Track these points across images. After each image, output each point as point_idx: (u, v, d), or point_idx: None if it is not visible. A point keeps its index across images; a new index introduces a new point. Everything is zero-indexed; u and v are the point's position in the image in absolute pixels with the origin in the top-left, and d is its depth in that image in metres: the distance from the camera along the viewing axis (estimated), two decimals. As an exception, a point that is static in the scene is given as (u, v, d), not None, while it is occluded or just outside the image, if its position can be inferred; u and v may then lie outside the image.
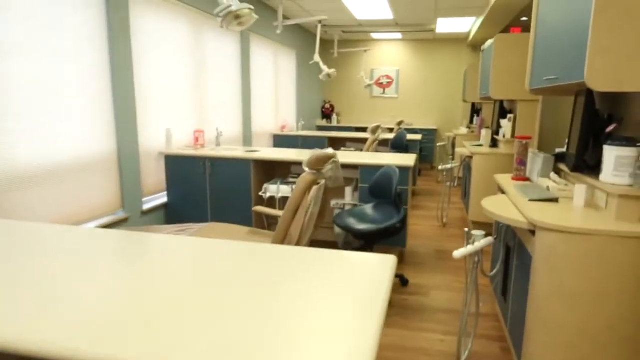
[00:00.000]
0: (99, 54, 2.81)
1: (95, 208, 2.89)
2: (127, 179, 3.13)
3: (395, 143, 5.30)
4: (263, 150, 3.91)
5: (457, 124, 7.85)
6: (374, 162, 3.22)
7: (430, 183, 6.65)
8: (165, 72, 3.55)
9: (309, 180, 1.99)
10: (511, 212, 1.88)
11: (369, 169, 3.23)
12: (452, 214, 4.79)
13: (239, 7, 1.99)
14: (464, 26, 6.39)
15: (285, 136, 5.92)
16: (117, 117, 3.00)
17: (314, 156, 2.02)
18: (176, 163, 3.54)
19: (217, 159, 3.47)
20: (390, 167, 2.89)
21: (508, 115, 3.98)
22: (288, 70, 6.51)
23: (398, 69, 7.96)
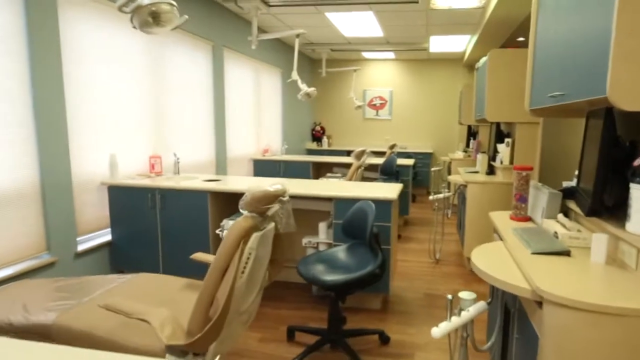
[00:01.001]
0: (13, 65, 2.39)
1: (9, 251, 2.42)
2: (53, 215, 2.67)
3: (384, 169, 4.86)
4: (227, 178, 3.46)
5: (453, 148, 7.43)
6: (348, 194, 2.76)
7: (425, 211, 6.16)
8: (112, 88, 3.12)
9: (244, 227, 1.53)
10: (510, 272, 1.40)
11: (345, 203, 2.76)
12: (447, 248, 4.29)
13: (153, 1, 1.57)
14: (458, 45, 6.08)
15: (266, 161, 5.50)
16: (41, 142, 2.55)
17: (253, 194, 1.57)
18: (121, 195, 3.07)
19: (168, 190, 3.00)
20: (365, 201, 2.42)
21: (505, 140, 3.55)
22: (272, 90, 6.16)
23: (391, 89, 7.62)
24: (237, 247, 1.50)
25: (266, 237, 1.70)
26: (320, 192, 2.82)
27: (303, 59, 7.23)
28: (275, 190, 1.64)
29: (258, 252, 1.62)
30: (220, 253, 1.48)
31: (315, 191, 2.83)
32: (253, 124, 5.56)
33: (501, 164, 3.58)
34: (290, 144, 6.95)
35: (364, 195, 2.71)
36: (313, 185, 3.12)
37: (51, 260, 2.64)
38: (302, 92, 3.84)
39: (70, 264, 2.81)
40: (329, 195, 2.78)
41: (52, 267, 2.67)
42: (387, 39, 5.92)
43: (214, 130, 4.63)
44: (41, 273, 2.60)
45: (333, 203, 2.80)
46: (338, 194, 2.78)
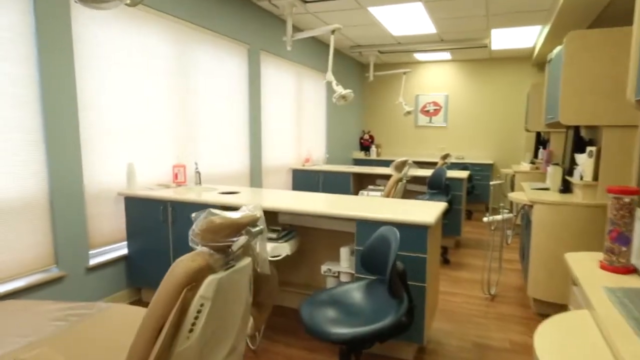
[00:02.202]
0: (20, 68, 2.22)
1: (15, 264, 2.26)
2: (63, 226, 2.48)
3: (432, 182, 4.17)
4: (249, 191, 3.08)
5: (518, 158, 6.39)
6: (373, 215, 2.20)
7: (482, 231, 5.28)
8: (134, 94, 2.92)
9: (190, 268, 1.07)
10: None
11: (369, 226, 2.21)
12: (506, 280, 3.47)
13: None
14: (526, 39, 5.17)
15: (305, 171, 5.09)
16: (50, 149, 2.38)
17: (207, 223, 1.11)
18: (136, 206, 2.83)
19: (178, 203, 2.70)
20: (389, 227, 1.86)
21: (588, 149, 2.72)
22: (316, 95, 5.77)
23: (447, 94, 6.82)
24: (178, 296, 1.05)
25: (233, 280, 1.23)
26: (338, 210, 2.30)
27: (350, 63, 6.77)
28: (241, 217, 1.17)
29: (217, 302, 1.16)
30: (153, 306, 1.04)
31: (333, 209, 2.31)
32: (293, 132, 5.20)
33: (581, 179, 2.75)
34: (336, 153, 6.48)
35: (391, 218, 2.13)
36: (335, 201, 2.60)
37: (60, 274, 2.46)
38: (336, 94, 3.36)
39: (81, 279, 2.61)
40: (348, 215, 2.25)
41: (61, 282, 2.48)
42: (441, 35, 5.22)
43: (249, 138, 4.34)
44: (49, 288, 2.42)
45: (355, 225, 2.26)
46: (360, 214, 2.23)
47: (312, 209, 2.35)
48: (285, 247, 2.51)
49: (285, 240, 2.54)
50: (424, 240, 2.11)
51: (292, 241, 2.58)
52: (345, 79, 6.56)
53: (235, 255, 1.25)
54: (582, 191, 2.73)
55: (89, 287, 2.66)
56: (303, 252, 2.93)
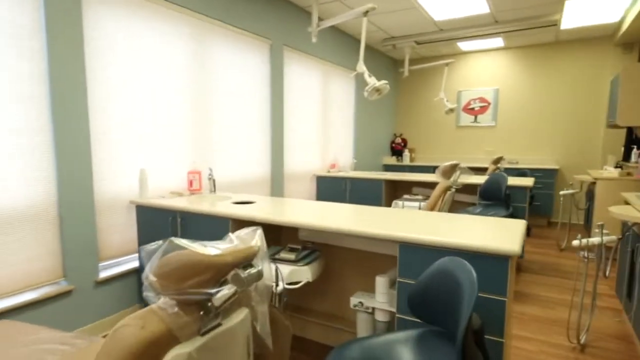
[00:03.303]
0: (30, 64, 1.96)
1: (21, 276, 2.04)
2: (71, 237, 2.22)
3: (487, 191, 3.29)
4: (267, 200, 2.47)
5: (595, 162, 5.27)
6: (424, 237, 1.44)
7: (546, 250, 4.26)
8: (147, 94, 2.55)
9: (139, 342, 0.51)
10: None
11: (417, 251, 1.46)
12: (599, 325, 2.52)
13: None
14: (611, 12, 4.14)
15: (331, 178, 4.36)
16: (59, 154, 2.09)
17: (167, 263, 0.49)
18: (147, 216, 2.46)
19: (187, 214, 2.26)
20: (455, 259, 1.09)
21: None
22: (344, 95, 5.04)
23: (497, 88, 5.84)
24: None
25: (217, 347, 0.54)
26: (373, 229, 1.56)
27: (381, 59, 5.99)
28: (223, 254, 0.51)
29: None
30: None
31: (368, 227, 1.59)
32: (319, 135, 4.53)
33: None
34: (365, 158, 5.70)
35: (452, 243, 1.38)
36: (368, 215, 1.88)
37: (68, 288, 2.19)
38: (369, 86, 2.62)
39: (90, 293, 2.32)
40: (388, 236, 1.50)
41: (69, 296, 2.22)
42: (496, 15, 4.32)
43: (271, 142, 3.76)
44: (57, 302, 2.17)
45: (398, 249, 1.51)
46: (405, 234, 1.48)
47: (340, 225, 1.68)
48: (306, 271, 1.83)
49: (306, 262, 1.87)
50: (505, 276, 1.34)
51: (314, 263, 1.90)
52: (376, 76, 5.79)
53: (221, 310, 0.56)
54: None
55: (98, 301, 2.39)
56: (329, 275, 2.24)
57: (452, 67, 6.12)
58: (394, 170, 6.14)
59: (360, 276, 2.11)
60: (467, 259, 1.38)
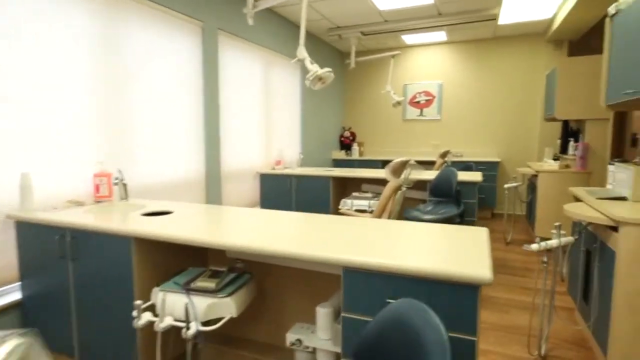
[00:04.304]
0: None
1: None
2: None
3: (438, 187, 3.04)
4: (188, 210, 1.94)
5: (532, 154, 5.35)
6: (371, 260, 1.06)
7: (494, 244, 4.18)
8: (36, 79, 1.94)
9: None
10: None
11: (365, 278, 1.08)
12: (557, 328, 2.36)
13: None
14: (544, 9, 4.11)
15: (276, 176, 3.89)
16: None
17: None
18: (31, 234, 1.86)
19: (80, 232, 1.67)
20: (413, 304, 0.70)
21: None
22: (289, 87, 4.58)
23: (441, 82, 5.74)
24: None
25: None
26: (312, 250, 1.16)
27: (328, 50, 5.61)
28: None
29: None
30: None
31: (307, 247, 1.18)
32: (262, 130, 4.03)
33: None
34: (313, 153, 5.31)
35: (408, 268, 1.01)
36: (312, 227, 1.46)
37: None
38: (311, 74, 2.22)
39: None
40: (330, 260, 1.11)
41: None
42: (439, 7, 4.12)
43: (205, 138, 3.19)
44: None
45: (342, 274, 1.11)
46: (350, 258, 1.09)
47: (273, 246, 1.26)
48: (229, 304, 1.40)
49: (230, 291, 1.40)
50: (473, 310, 1.00)
51: (242, 291, 1.46)
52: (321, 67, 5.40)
53: None
54: None
55: None
56: (265, 298, 1.80)
57: (398, 60, 5.92)
58: (344, 164, 5.83)
59: (303, 299, 1.70)
60: (428, 289, 1.03)
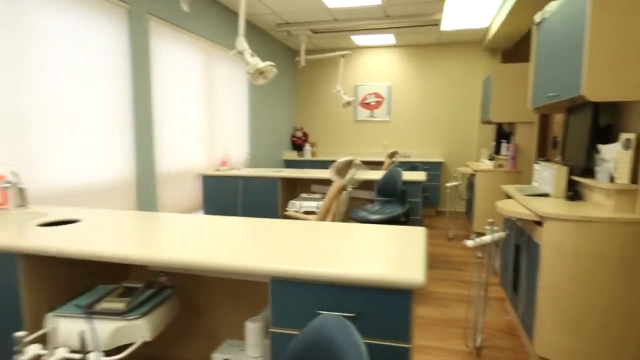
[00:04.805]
0: None
1: None
2: None
3: (385, 187, 3.08)
4: (101, 218, 1.68)
5: (471, 155, 5.66)
6: (297, 268, 0.99)
7: (437, 240, 4.35)
8: None
9: None
10: None
11: (293, 288, 1.00)
12: (490, 318, 2.47)
13: None
14: (482, 17, 4.35)
15: (221, 177, 3.70)
16: None
17: None
18: None
19: None
20: (332, 318, 0.64)
21: (623, 137, 1.77)
22: (235, 83, 4.40)
23: (390, 84, 5.88)
24: None
25: None
26: (236, 260, 1.05)
27: (277, 47, 5.50)
28: None
29: None
30: None
31: (226, 258, 1.07)
32: (204, 128, 3.78)
33: (612, 181, 1.80)
34: (264, 153, 5.17)
35: (336, 275, 0.95)
36: (246, 233, 1.34)
37: None
38: (250, 67, 2.10)
39: None
40: (255, 270, 1.03)
41: None
42: (386, 9, 4.19)
43: (135, 136, 2.88)
44: None
45: (270, 285, 1.05)
46: (277, 267, 1.00)
47: (191, 258, 1.13)
48: (141, 327, 1.22)
49: (143, 311, 1.24)
50: (406, 316, 0.97)
51: (160, 310, 1.31)
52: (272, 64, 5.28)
53: None
54: (614, 199, 1.76)
55: None
56: (195, 311, 1.63)
57: (349, 61, 5.96)
58: (296, 165, 5.75)
59: (238, 313, 1.59)
60: (360, 296, 0.98)
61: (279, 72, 5.48)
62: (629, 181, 1.72)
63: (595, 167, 1.92)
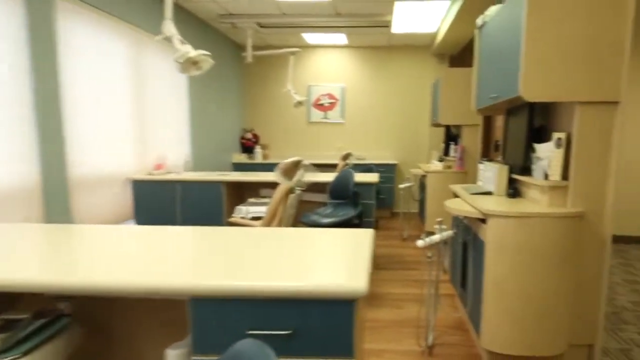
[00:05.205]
0: None
1: None
2: None
3: (336, 189, 3.09)
4: None
5: (423, 157, 5.89)
6: (220, 284, 0.92)
7: (392, 241, 4.46)
8: None
9: None
10: None
11: (217, 307, 0.90)
12: (441, 315, 2.56)
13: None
14: (430, 22, 4.56)
15: (154, 183, 3.44)
16: None
17: None
18: None
19: None
20: (254, 345, 0.59)
21: (555, 135, 1.92)
22: (172, 78, 4.18)
23: (344, 85, 5.97)
24: None
25: None
26: (139, 279, 0.94)
27: (222, 41, 5.36)
28: None
29: None
30: None
31: (126, 279, 0.95)
32: (134, 127, 3.49)
33: (546, 178, 1.94)
34: (210, 156, 4.99)
35: (273, 289, 0.89)
36: (160, 247, 1.24)
37: None
38: (178, 55, 1.98)
39: None
40: (170, 288, 0.92)
41: None
42: (336, 6, 4.24)
43: (37, 133, 2.52)
44: None
45: (189, 307, 0.94)
46: (197, 283, 0.92)
47: (96, 278, 0.97)
48: None
49: (28, 348, 1.08)
50: (349, 328, 0.94)
51: (53, 344, 1.15)
52: (217, 62, 5.14)
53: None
54: (548, 195, 1.91)
55: None
56: (107, 339, 1.46)
57: (301, 60, 5.96)
58: (245, 169, 5.62)
59: (158, 338, 1.44)
60: (297, 311, 0.93)
61: (224, 68, 5.33)
62: (560, 178, 1.87)
63: (532, 166, 2.07)
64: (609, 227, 1.85)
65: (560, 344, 1.88)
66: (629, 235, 4.27)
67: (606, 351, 2.14)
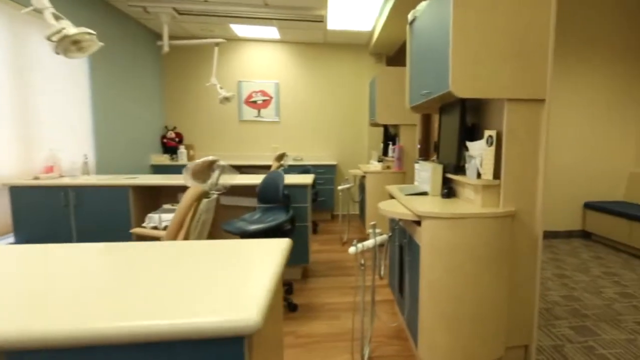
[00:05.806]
0: None
1: None
2: None
3: (264, 193, 2.90)
4: None
5: (363, 157, 5.92)
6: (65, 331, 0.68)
7: (332, 245, 4.37)
8: None
9: None
10: None
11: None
12: (379, 324, 2.49)
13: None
14: (365, 20, 4.56)
15: (40, 189, 2.94)
16: None
17: None
18: None
19: None
20: None
21: (486, 133, 1.93)
22: (66, 65, 3.67)
23: (277, 82, 5.78)
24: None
25: None
26: None
27: (136, 28, 4.89)
28: None
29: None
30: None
31: None
32: (11, 123, 2.94)
33: (479, 177, 1.94)
34: (122, 157, 4.49)
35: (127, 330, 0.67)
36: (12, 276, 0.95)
37: None
38: (52, 32, 1.66)
39: None
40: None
41: None
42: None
43: None
44: None
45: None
46: (10, 330, 0.67)
47: None
48: None
49: None
50: None
51: None
52: (129, 51, 4.67)
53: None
54: (482, 195, 1.90)
55: None
56: None
57: (230, 53, 5.66)
58: (167, 171, 5.18)
59: None
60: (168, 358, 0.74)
61: (139, 59, 4.86)
62: (492, 177, 1.87)
63: (465, 165, 2.06)
64: (539, 225, 1.89)
65: (497, 348, 1.88)
66: (557, 230, 4.64)
67: (540, 349, 2.21)
